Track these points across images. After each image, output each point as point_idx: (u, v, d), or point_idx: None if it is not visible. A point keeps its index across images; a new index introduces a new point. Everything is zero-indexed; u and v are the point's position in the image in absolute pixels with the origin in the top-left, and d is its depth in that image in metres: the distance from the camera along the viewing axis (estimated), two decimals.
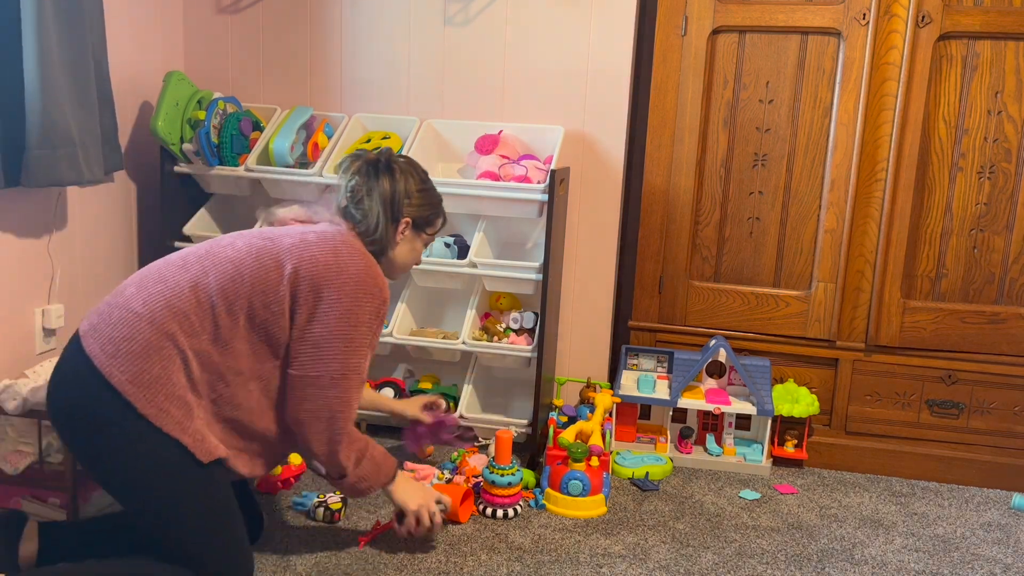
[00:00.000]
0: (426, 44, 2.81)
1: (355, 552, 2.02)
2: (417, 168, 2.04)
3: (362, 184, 1.95)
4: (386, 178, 1.96)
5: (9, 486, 2.06)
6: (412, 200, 1.98)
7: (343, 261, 1.82)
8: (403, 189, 1.97)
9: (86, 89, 2.27)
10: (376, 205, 1.94)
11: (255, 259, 1.79)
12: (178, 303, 1.71)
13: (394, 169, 1.97)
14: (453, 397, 2.65)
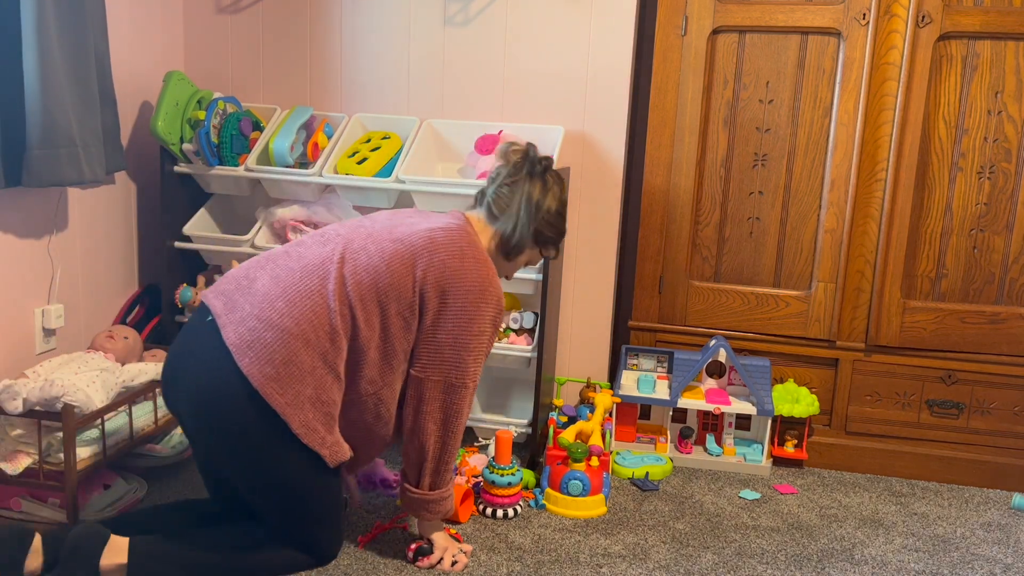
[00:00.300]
0: (426, 44, 2.81)
1: (355, 552, 2.02)
2: (564, 188, 2.09)
3: (512, 176, 1.99)
4: (539, 182, 2.00)
5: (9, 486, 2.06)
6: (549, 217, 2.03)
7: (468, 266, 1.85)
8: (546, 200, 2.01)
9: (87, 88, 2.27)
10: (521, 204, 1.97)
11: (388, 267, 1.82)
12: (329, 320, 1.77)
13: (547, 179, 2.02)
14: None
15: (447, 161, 2.80)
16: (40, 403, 1.98)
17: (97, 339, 2.40)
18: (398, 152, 2.68)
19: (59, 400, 1.97)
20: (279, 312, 1.75)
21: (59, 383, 1.99)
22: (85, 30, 2.25)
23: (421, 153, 2.69)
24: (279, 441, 1.76)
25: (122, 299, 2.77)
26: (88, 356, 2.24)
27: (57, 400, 1.97)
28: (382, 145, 2.68)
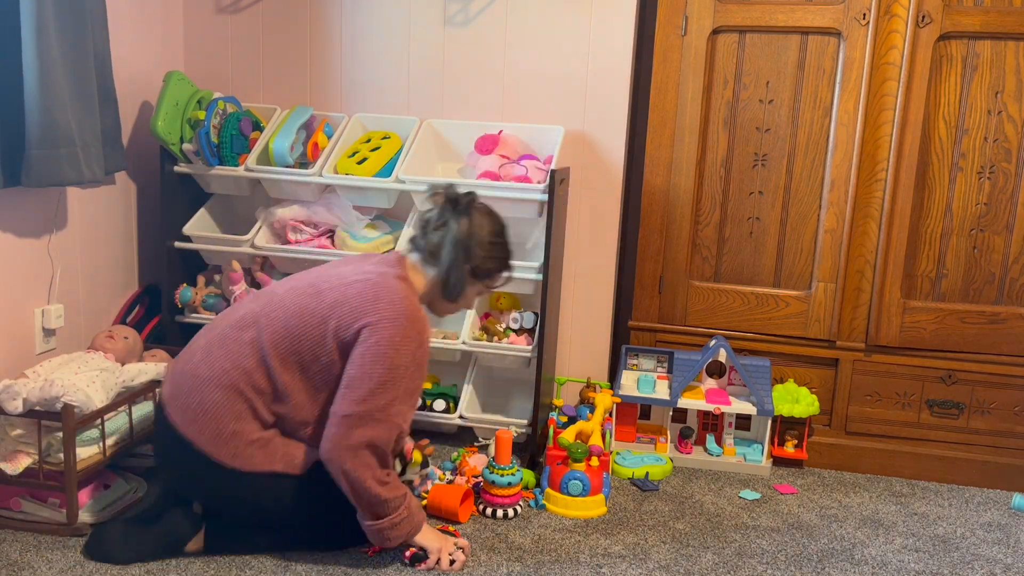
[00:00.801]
0: (426, 44, 2.81)
1: (354, 553, 2.02)
2: (495, 219, 2.09)
3: (437, 218, 2.02)
4: (464, 220, 2.02)
5: (9, 486, 2.06)
6: (481, 250, 2.04)
7: (381, 308, 1.89)
8: (476, 235, 2.03)
9: (87, 89, 2.27)
10: (447, 244, 2.00)
11: (300, 319, 1.91)
12: (241, 362, 1.89)
13: (471, 213, 2.03)
14: (453, 397, 2.65)
15: (447, 161, 2.80)
16: (40, 403, 1.98)
17: (97, 339, 2.40)
18: (398, 152, 2.68)
19: (59, 400, 1.97)
20: (195, 363, 1.93)
21: (59, 383, 1.99)
22: (85, 30, 2.25)
23: (421, 153, 2.69)
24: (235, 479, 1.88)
25: (122, 299, 2.77)
26: (88, 356, 2.24)
27: (57, 400, 1.97)
28: (382, 145, 2.68)
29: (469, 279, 2.06)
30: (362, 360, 1.85)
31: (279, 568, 1.94)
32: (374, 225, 2.70)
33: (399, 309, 1.89)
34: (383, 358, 1.85)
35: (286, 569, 1.93)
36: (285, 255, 2.66)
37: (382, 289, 1.91)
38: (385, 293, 1.91)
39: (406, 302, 1.91)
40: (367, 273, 1.96)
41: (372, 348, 1.85)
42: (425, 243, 2.03)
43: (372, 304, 1.88)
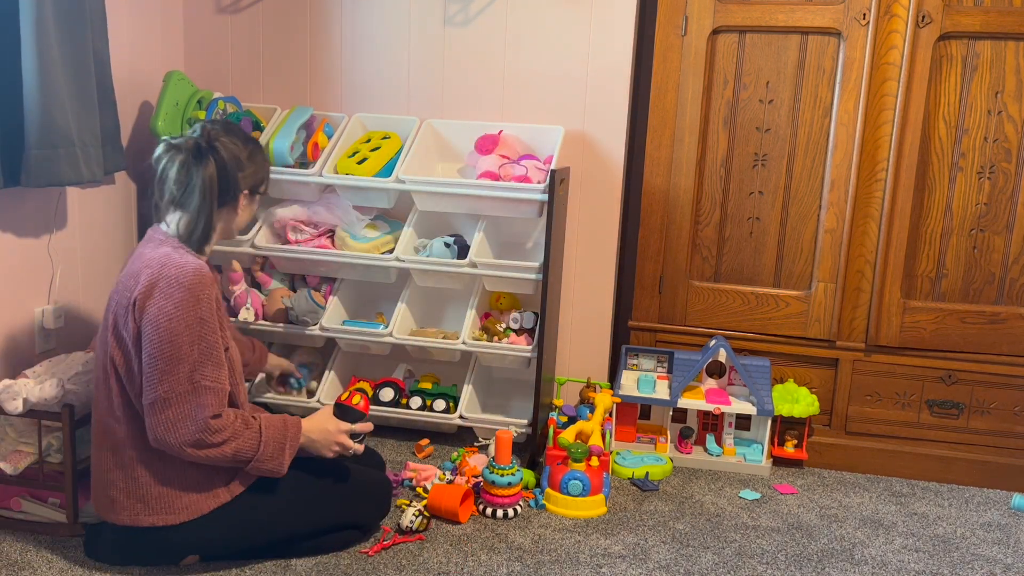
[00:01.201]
0: (426, 44, 2.81)
1: (355, 552, 2.02)
2: (237, 134, 1.92)
3: (184, 174, 1.83)
4: (210, 161, 1.84)
5: (9, 486, 2.06)
6: (245, 170, 1.90)
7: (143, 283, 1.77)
8: (234, 164, 1.87)
9: (86, 89, 2.27)
10: (199, 192, 1.83)
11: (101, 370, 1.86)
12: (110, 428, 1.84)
13: (216, 148, 1.85)
14: (453, 397, 2.65)
15: (447, 161, 2.80)
16: (40, 403, 1.98)
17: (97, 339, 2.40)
18: (398, 152, 2.68)
19: (59, 400, 1.97)
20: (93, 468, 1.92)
21: (59, 383, 1.99)
22: (84, 30, 2.25)
23: (421, 153, 2.69)
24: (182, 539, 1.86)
25: None
26: (88, 356, 2.24)
27: (57, 400, 1.97)
28: (382, 145, 2.68)
29: (248, 200, 1.95)
30: (147, 343, 1.75)
31: (279, 568, 1.94)
32: (374, 225, 2.70)
33: (159, 278, 1.76)
34: (163, 331, 1.74)
35: (286, 569, 1.93)
36: (285, 255, 2.66)
37: (140, 268, 1.80)
38: (141, 268, 1.80)
39: (165, 270, 1.77)
40: (128, 270, 1.85)
41: (147, 329, 1.75)
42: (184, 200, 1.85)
43: (135, 285, 1.78)
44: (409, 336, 2.65)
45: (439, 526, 2.17)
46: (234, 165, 1.88)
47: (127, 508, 1.83)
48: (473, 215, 2.68)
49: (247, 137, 1.95)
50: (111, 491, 1.85)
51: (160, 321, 1.74)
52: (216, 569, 1.92)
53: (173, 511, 1.83)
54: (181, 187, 1.83)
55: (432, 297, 2.83)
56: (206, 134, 1.87)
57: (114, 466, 1.84)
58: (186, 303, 1.76)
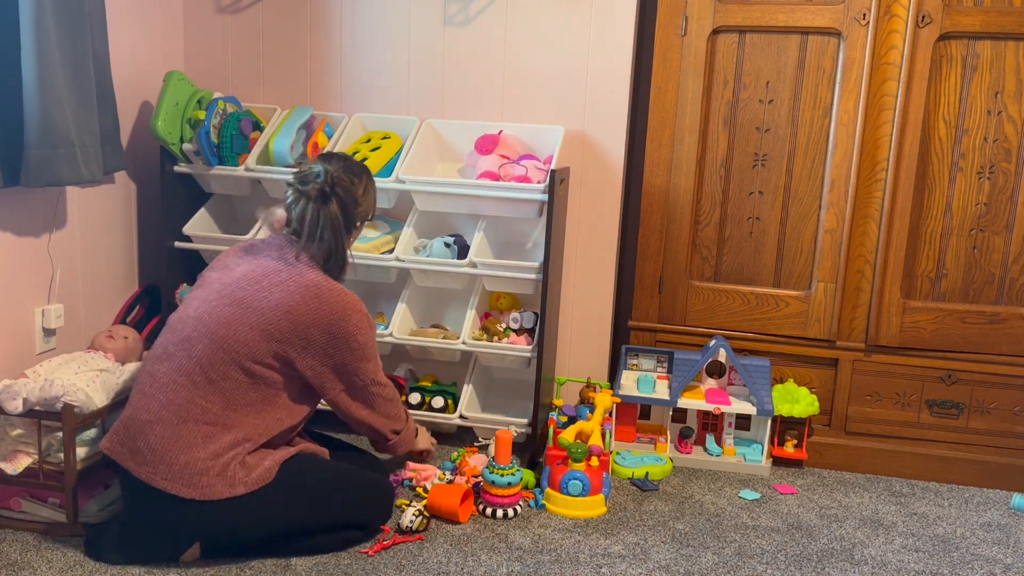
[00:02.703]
0: (426, 44, 2.81)
1: (355, 552, 2.02)
2: (351, 170, 2.09)
3: (313, 216, 2.04)
4: (334, 203, 2.04)
5: (9, 486, 2.06)
6: (360, 207, 2.10)
7: (320, 308, 1.96)
8: (351, 204, 2.07)
9: (86, 89, 2.27)
10: (329, 233, 2.04)
11: (228, 328, 1.92)
12: (176, 393, 1.89)
13: (337, 192, 2.04)
14: (453, 397, 2.65)
15: (447, 161, 2.80)
16: (40, 403, 1.98)
17: (97, 339, 2.40)
18: (398, 152, 2.68)
19: (59, 400, 1.97)
20: (136, 407, 1.93)
21: (59, 383, 1.99)
22: (84, 30, 2.25)
23: (421, 153, 2.69)
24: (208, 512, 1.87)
25: (122, 299, 2.77)
26: (88, 356, 2.24)
27: (57, 400, 1.97)
28: (382, 145, 2.68)
29: (361, 229, 2.18)
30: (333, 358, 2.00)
31: (279, 568, 1.94)
32: (374, 225, 2.70)
33: (328, 301, 1.97)
34: (349, 342, 2.00)
35: (286, 569, 1.93)
36: None
37: (306, 288, 1.97)
38: (311, 291, 1.96)
39: (330, 290, 1.99)
40: (278, 274, 1.98)
41: (334, 345, 1.98)
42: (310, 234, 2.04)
43: (304, 304, 1.95)
44: (409, 336, 2.65)
45: (439, 526, 2.17)
46: (352, 204, 2.07)
47: (148, 463, 1.85)
48: (473, 215, 2.68)
49: (361, 171, 2.12)
50: (141, 441, 1.87)
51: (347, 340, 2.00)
52: (216, 568, 1.92)
53: (189, 485, 1.84)
54: (314, 226, 2.04)
55: (432, 297, 2.83)
56: (330, 179, 2.04)
57: (157, 420, 1.87)
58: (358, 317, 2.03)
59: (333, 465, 2.06)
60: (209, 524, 1.88)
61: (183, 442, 1.86)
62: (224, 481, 1.86)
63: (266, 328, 1.92)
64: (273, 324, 1.92)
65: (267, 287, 1.96)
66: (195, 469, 1.85)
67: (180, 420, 1.87)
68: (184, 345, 1.93)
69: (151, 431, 1.87)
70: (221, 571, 1.91)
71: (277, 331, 1.92)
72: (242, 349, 1.91)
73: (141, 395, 1.92)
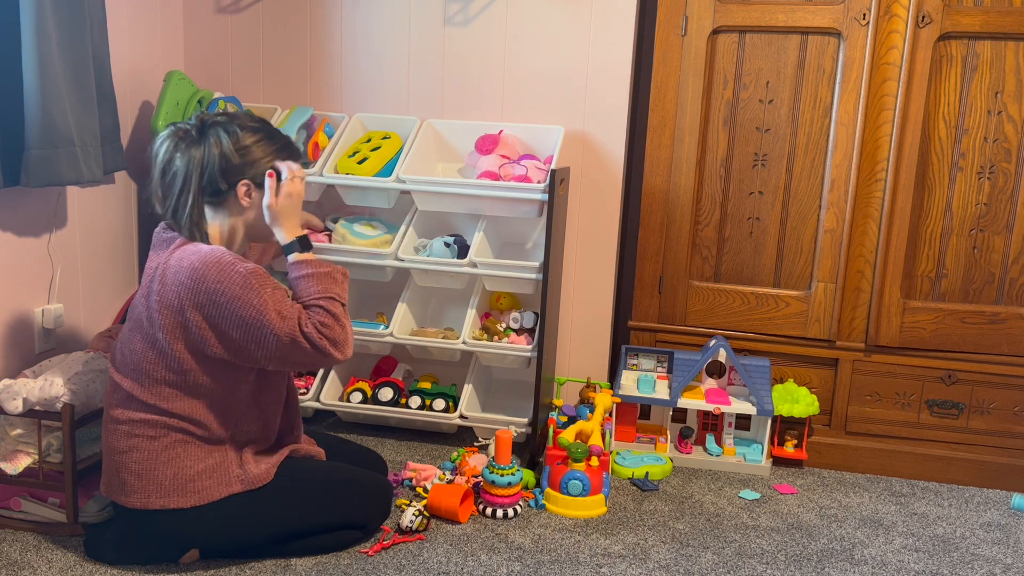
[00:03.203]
0: (426, 44, 2.81)
1: (355, 552, 2.02)
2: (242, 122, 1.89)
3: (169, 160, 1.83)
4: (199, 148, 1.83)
5: (9, 486, 2.06)
6: (245, 157, 1.86)
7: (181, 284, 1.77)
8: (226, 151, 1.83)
9: (86, 88, 2.27)
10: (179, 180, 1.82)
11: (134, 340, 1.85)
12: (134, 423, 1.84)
13: (208, 135, 1.84)
14: (453, 397, 2.65)
15: (447, 161, 2.80)
16: (40, 403, 1.98)
17: (97, 339, 2.40)
18: (398, 152, 2.68)
19: (59, 400, 1.97)
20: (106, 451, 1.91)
21: (59, 383, 1.99)
22: (84, 30, 2.25)
23: (421, 153, 2.69)
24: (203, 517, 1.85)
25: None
26: (88, 356, 2.24)
27: (57, 400, 1.97)
28: (382, 145, 2.68)
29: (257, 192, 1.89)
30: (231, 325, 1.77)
31: (279, 568, 1.94)
32: (373, 224, 2.70)
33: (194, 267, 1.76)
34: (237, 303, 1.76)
35: (286, 569, 1.93)
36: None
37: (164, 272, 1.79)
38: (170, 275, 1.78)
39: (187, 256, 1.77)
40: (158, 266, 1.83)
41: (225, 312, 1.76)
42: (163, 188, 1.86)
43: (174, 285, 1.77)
44: (409, 336, 2.65)
45: (439, 526, 2.17)
46: (226, 152, 1.83)
47: (139, 490, 1.84)
48: (473, 215, 2.69)
49: (257, 124, 1.92)
50: (122, 473, 1.85)
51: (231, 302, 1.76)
52: (215, 569, 1.92)
53: (185, 494, 1.83)
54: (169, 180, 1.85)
55: (432, 297, 2.83)
56: (200, 119, 1.87)
57: (128, 449, 1.84)
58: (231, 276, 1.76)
59: (330, 465, 2.05)
60: (209, 528, 1.87)
61: (163, 457, 1.83)
62: (219, 481, 1.86)
63: (155, 337, 1.81)
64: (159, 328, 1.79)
65: (138, 298, 1.86)
66: (186, 476, 1.83)
67: (149, 439, 1.83)
68: (113, 375, 1.89)
69: (129, 460, 1.84)
70: (220, 572, 1.91)
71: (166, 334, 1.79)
72: (155, 366, 1.82)
73: (105, 435, 1.90)
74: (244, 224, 1.92)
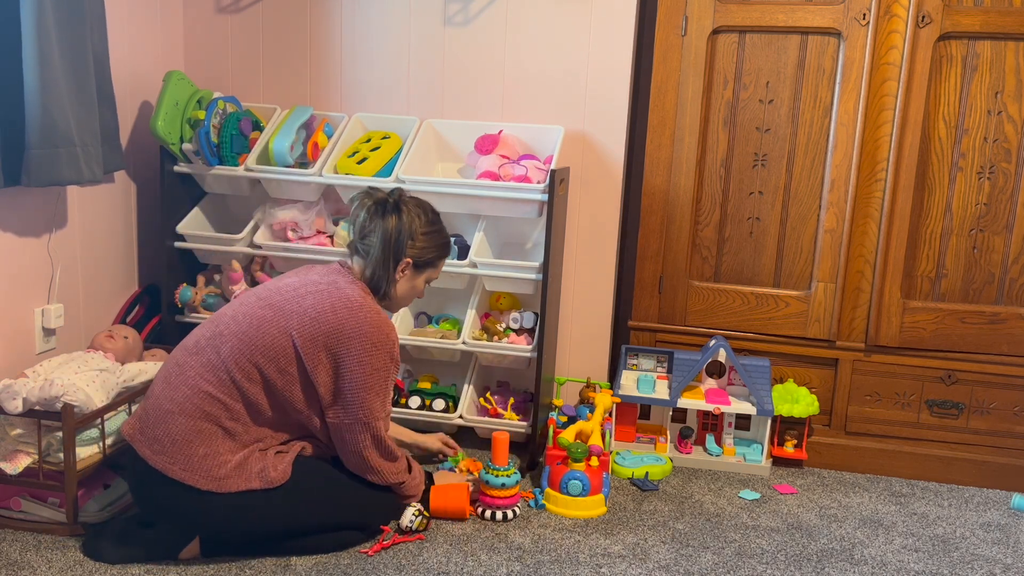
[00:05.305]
0: (426, 44, 2.81)
1: (355, 552, 2.02)
2: (426, 209, 2.12)
3: (368, 222, 2.06)
4: (392, 217, 2.06)
5: (9, 486, 2.06)
6: (416, 241, 2.08)
7: (344, 321, 1.95)
8: (407, 230, 2.06)
9: (86, 88, 2.27)
10: (377, 243, 2.05)
11: (258, 330, 1.94)
12: (201, 386, 1.91)
13: (401, 210, 2.07)
14: (453, 397, 2.65)
15: (447, 161, 2.80)
16: (40, 403, 1.98)
17: (97, 339, 2.40)
18: (398, 152, 2.68)
19: (59, 400, 1.97)
20: (157, 396, 1.95)
21: (59, 383, 1.99)
22: (84, 30, 2.25)
23: (421, 153, 2.69)
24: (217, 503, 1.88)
25: (122, 299, 2.77)
26: (88, 356, 2.24)
27: (57, 400, 1.97)
28: (382, 145, 2.68)
29: (411, 272, 2.11)
30: (350, 375, 1.95)
31: (279, 568, 1.94)
32: None
33: (362, 320, 1.96)
34: (366, 367, 1.95)
35: (286, 569, 1.93)
36: (285, 254, 2.66)
37: (338, 301, 1.97)
38: (342, 305, 1.97)
39: (365, 310, 1.98)
40: (317, 284, 2.02)
41: (355, 363, 1.94)
42: (362, 246, 2.08)
43: (333, 316, 1.95)
44: (409, 336, 2.65)
45: (439, 526, 2.17)
46: (407, 231, 2.06)
47: (167, 453, 1.87)
48: (473, 215, 2.68)
49: (432, 213, 2.14)
50: (160, 428, 1.88)
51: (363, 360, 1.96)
52: (215, 567, 1.92)
53: (207, 478, 1.86)
54: (365, 234, 2.06)
55: (432, 297, 2.83)
56: (397, 195, 2.09)
57: (179, 411, 1.89)
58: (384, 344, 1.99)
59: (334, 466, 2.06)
60: (218, 517, 1.89)
61: (204, 435, 1.88)
62: (241, 475, 1.89)
63: (291, 332, 1.93)
64: (299, 329, 1.94)
65: (303, 295, 1.99)
66: (215, 461, 1.88)
67: (202, 415, 1.89)
68: (214, 341, 1.95)
69: (172, 421, 1.89)
70: (221, 570, 1.91)
71: (301, 336, 1.93)
72: (267, 351, 1.93)
73: (166, 384, 1.94)
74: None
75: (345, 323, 1.95)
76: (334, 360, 1.95)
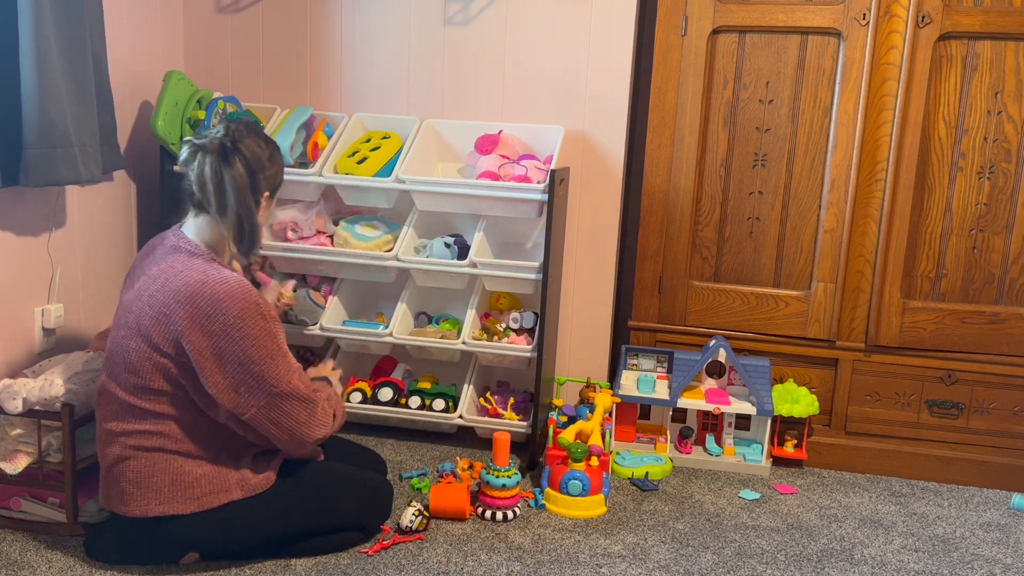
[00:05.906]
0: (426, 44, 2.81)
1: (355, 552, 2.02)
2: (253, 130, 1.91)
3: (213, 174, 1.83)
4: (236, 161, 1.85)
5: (9, 486, 2.06)
6: (267, 171, 1.91)
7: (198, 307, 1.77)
8: (256, 165, 1.87)
9: (84, 88, 2.27)
10: (231, 193, 1.84)
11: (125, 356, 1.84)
12: (120, 429, 1.85)
13: (240, 149, 1.85)
14: (453, 397, 2.65)
15: (447, 161, 2.80)
16: (40, 403, 1.98)
17: (97, 339, 2.40)
18: (398, 152, 2.68)
19: (59, 400, 1.97)
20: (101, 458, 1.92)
21: (59, 383, 1.99)
22: (82, 30, 2.25)
23: (421, 153, 2.69)
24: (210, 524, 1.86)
25: None
26: (88, 356, 2.24)
27: (57, 400, 1.97)
28: (382, 145, 2.68)
29: (269, 202, 1.95)
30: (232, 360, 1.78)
31: (279, 568, 1.94)
32: (374, 225, 2.70)
33: (208, 295, 1.77)
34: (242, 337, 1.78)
35: (286, 569, 1.93)
36: (285, 254, 2.66)
37: (179, 288, 1.79)
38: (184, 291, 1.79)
39: (208, 283, 1.78)
40: (156, 280, 1.83)
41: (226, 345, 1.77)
42: (212, 201, 1.85)
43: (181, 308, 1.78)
44: (409, 336, 2.65)
45: (439, 526, 2.17)
46: (258, 166, 1.89)
47: (138, 499, 1.84)
48: (473, 215, 2.68)
49: (268, 137, 1.97)
50: (121, 483, 1.86)
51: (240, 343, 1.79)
52: (215, 570, 1.92)
53: (185, 500, 1.84)
54: (218, 191, 1.84)
55: (432, 297, 2.83)
56: (230, 134, 1.88)
57: (123, 458, 1.85)
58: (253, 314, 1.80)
59: (329, 466, 2.05)
60: (208, 533, 1.87)
61: (159, 465, 1.84)
62: (219, 487, 1.86)
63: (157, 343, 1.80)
64: (158, 341, 1.80)
65: (146, 300, 1.83)
66: (185, 482, 1.84)
67: (141, 450, 1.84)
68: (106, 385, 1.88)
69: (126, 469, 1.85)
70: (221, 573, 1.91)
71: (164, 348, 1.80)
72: (145, 372, 1.81)
73: (99, 444, 1.91)
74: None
75: (198, 309, 1.76)
76: (211, 351, 1.77)
